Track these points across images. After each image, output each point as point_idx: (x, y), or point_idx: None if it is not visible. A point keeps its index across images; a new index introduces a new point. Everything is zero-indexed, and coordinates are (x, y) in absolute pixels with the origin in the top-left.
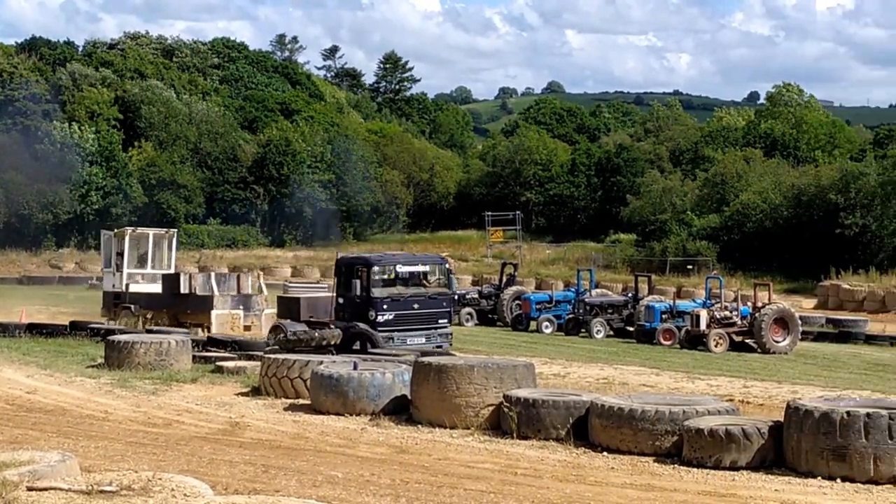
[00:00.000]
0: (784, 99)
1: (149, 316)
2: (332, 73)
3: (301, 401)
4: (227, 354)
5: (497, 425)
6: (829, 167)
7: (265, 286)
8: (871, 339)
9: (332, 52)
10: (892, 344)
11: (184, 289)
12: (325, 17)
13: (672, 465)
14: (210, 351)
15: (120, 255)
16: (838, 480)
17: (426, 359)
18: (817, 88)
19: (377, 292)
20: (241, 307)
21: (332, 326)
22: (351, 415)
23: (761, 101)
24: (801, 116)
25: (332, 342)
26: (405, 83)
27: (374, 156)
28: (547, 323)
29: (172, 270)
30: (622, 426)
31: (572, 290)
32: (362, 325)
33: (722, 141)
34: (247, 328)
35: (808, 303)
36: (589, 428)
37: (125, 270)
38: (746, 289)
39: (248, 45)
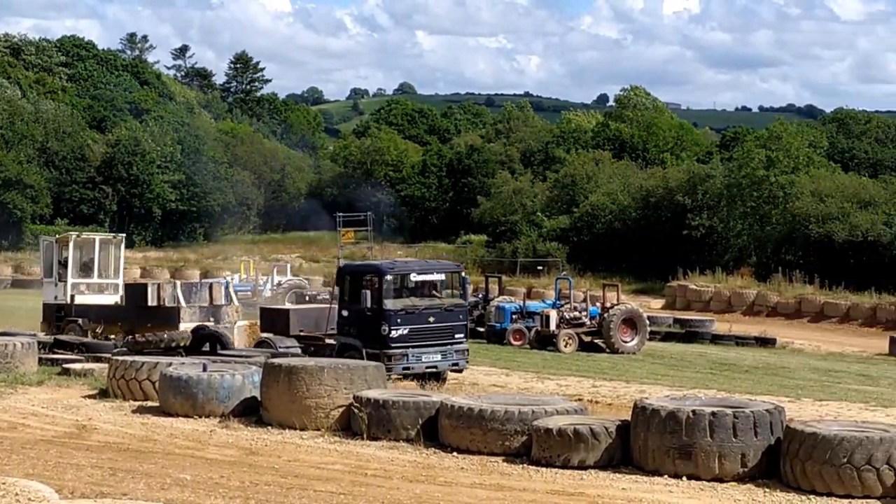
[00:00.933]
0: (632, 102)
1: (98, 330)
2: (183, 73)
3: (150, 403)
4: (74, 357)
5: (347, 426)
6: (676, 169)
7: (235, 295)
8: (717, 339)
9: (181, 52)
10: (737, 343)
11: (151, 300)
12: (175, 16)
13: (521, 465)
14: (57, 353)
15: (62, 263)
16: (684, 478)
17: (276, 360)
18: (665, 91)
19: (390, 304)
20: (212, 319)
21: (327, 342)
22: (200, 417)
23: (610, 103)
24: (649, 119)
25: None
26: (256, 83)
27: (225, 156)
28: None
29: (121, 280)
30: (472, 426)
31: None
32: (351, 341)
33: (572, 143)
34: None
35: (656, 303)
36: (439, 428)
37: (70, 280)
38: (595, 289)
39: (97, 44)
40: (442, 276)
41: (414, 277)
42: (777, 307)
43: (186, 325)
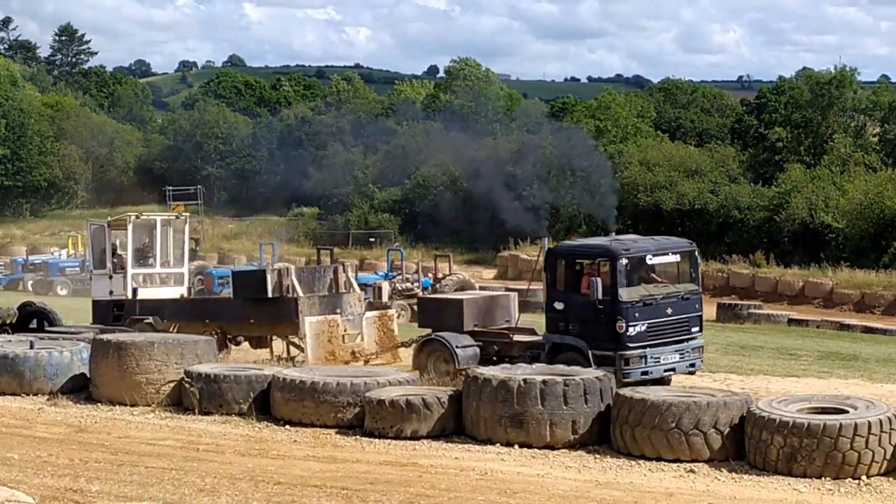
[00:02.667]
0: (463, 73)
1: (173, 330)
2: (6, 46)
3: None
4: None
5: (179, 401)
6: (506, 140)
7: (355, 281)
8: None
9: (4, 24)
10: None
11: (272, 291)
12: None
13: (354, 437)
14: None
15: (114, 251)
16: (516, 447)
17: (105, 336)
18: (494, 62)
19: (625, 294)
20: (339, 311)
21: (515, 339)
22: (28, 395)
23: (441, 74)
24: (479, 90)
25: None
26: (82, 56)
27: (51, 130)
28: None
29: (186, 268)
30: (304, 399)
31: (255, 263)
32: (571, 341)
33: (403, 114)
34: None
35: (489, 273)
36: (271, 402)
37: (130, 271)
38: (428, 260)
39: None
40: (677, 257)
41: (649, 260)
42: None
43: (308, 321)
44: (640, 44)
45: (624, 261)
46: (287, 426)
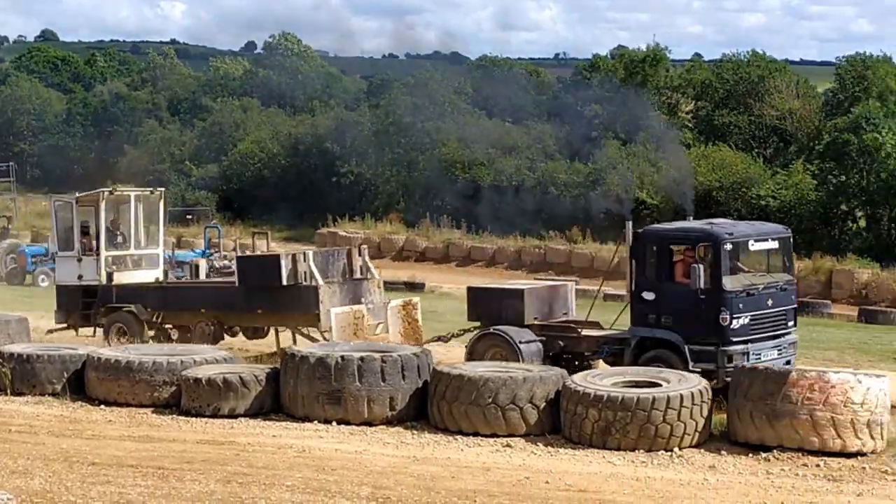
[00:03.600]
0: (280, 49)
1: (157, 319)
2: None
3: None
4: None
5: None
6: (325, 116)
7: (374, 267)
8: None
9: None
10: (387, 288)
11: (287, 278)
12: None
13: (171, 416)
14: None
15: (84, 230)
16: (334, 423)
17: None
18: (313, 38)
19: (729, 283)
20: (362, 300)
21: (584, 333)
22: None
23: (259, 50)
24: (296, 66)
25: None
26: None
27: None
28: (43, 276)
29: (160, 249)
30: (119, 378)
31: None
32: (664, 335)
33: (220, 90)
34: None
35: (308, 250)
36: (86, 381)
37: (104, 253)
38: (245, 238)
39: None
40: (776, 244)
41: (751, 246)
42: (426, 252)
43: (334, 312)
44: (457, 20)
45: (728, 246)
46: (102, 406)
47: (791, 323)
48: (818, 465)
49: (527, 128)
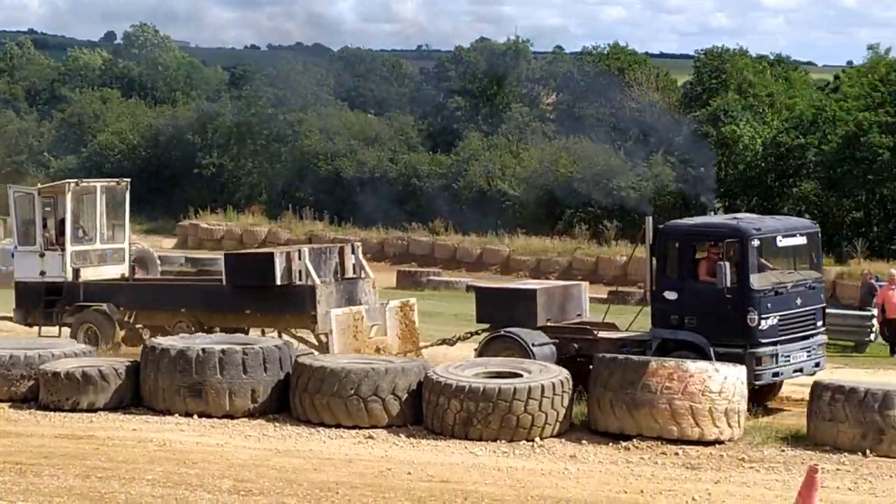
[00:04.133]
0: (140, 39)
1: (129, 319)
2: None
3: None
4: None
5: None
6: (186, 108)
7: (367, 265)
8: None
9: None
10: None
11: (281, 277)
12: None
13: (29, 411)
14: None
15: (44, 223)
16: (196, 416)
17: None
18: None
19: (756, 282)
20: (357, 301)
21: (600, 335)
22: None
23: (118, 41)
24: (157, 57)
25: None
26: None
27: None
28: None
29: (127, 244)
30: None
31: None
32: (688, 337)
33: (79, 81)
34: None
35: (168, 242)
36: None
37: (70, 248)
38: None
39: None
40: (804, 240)
41: (779, 242)
42: (288, 244)
43: (334, 314)
44: (319, 10)
45: (756, 242)
46: None
47: (820, 323)
48: (677, 454)
49: (389, 119)
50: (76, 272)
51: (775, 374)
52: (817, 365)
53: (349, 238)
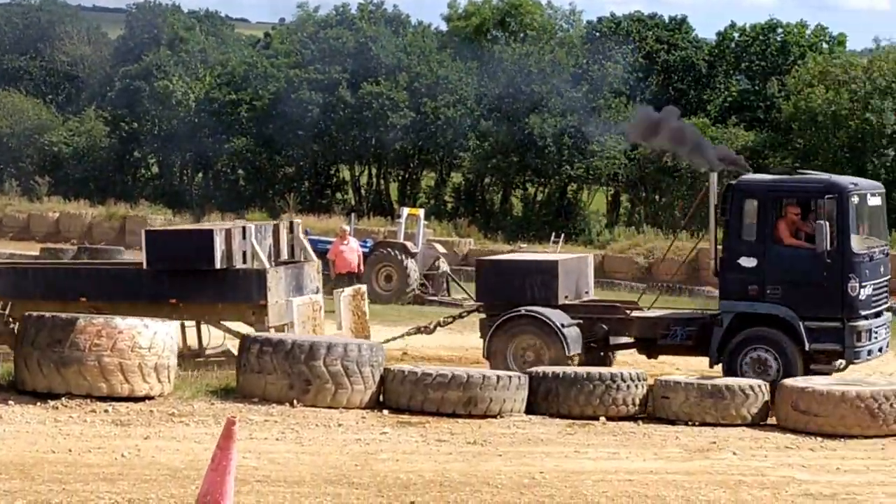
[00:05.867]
0: None
1: (7, 309)
2: None
3: None
4: None
5: None
6: None
7: (308, 245)
8: None
9: None
10: None
11: (221, 260)
12: None
13: None
14: None
15: None
16: None
17: None
18: None
19: (856, 244)
20: (307, 289)
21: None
22: None
23: None
24: None
25: None
26: None
27: None
28: None
29: None
30: None
31: None
32: (771, 310)
33: None
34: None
35: None
36: None
37: None
38: None
39: None
40: (880, 200)
41: (870, 201)
42: None
43: (285, 302)
44: None
45: (855, 199)
46: None
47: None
48: (106, 411)
49: None
50: None
51: (869, 352)
52: (881, 349)
53: None
